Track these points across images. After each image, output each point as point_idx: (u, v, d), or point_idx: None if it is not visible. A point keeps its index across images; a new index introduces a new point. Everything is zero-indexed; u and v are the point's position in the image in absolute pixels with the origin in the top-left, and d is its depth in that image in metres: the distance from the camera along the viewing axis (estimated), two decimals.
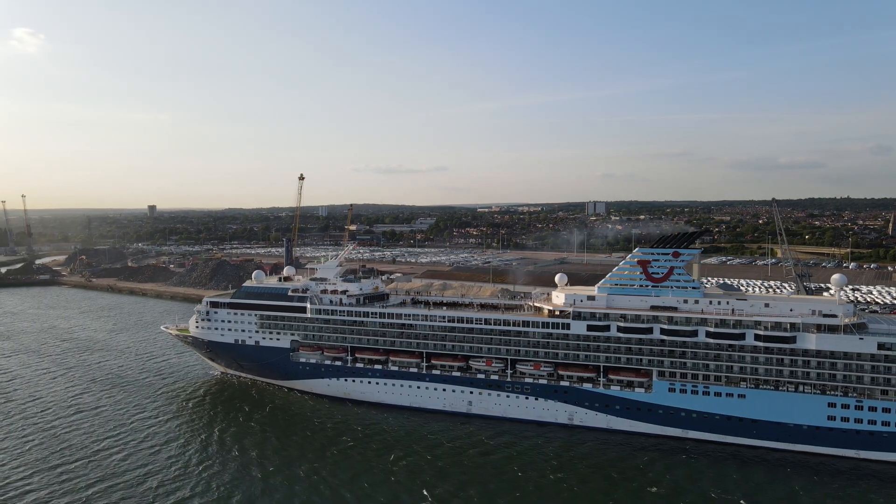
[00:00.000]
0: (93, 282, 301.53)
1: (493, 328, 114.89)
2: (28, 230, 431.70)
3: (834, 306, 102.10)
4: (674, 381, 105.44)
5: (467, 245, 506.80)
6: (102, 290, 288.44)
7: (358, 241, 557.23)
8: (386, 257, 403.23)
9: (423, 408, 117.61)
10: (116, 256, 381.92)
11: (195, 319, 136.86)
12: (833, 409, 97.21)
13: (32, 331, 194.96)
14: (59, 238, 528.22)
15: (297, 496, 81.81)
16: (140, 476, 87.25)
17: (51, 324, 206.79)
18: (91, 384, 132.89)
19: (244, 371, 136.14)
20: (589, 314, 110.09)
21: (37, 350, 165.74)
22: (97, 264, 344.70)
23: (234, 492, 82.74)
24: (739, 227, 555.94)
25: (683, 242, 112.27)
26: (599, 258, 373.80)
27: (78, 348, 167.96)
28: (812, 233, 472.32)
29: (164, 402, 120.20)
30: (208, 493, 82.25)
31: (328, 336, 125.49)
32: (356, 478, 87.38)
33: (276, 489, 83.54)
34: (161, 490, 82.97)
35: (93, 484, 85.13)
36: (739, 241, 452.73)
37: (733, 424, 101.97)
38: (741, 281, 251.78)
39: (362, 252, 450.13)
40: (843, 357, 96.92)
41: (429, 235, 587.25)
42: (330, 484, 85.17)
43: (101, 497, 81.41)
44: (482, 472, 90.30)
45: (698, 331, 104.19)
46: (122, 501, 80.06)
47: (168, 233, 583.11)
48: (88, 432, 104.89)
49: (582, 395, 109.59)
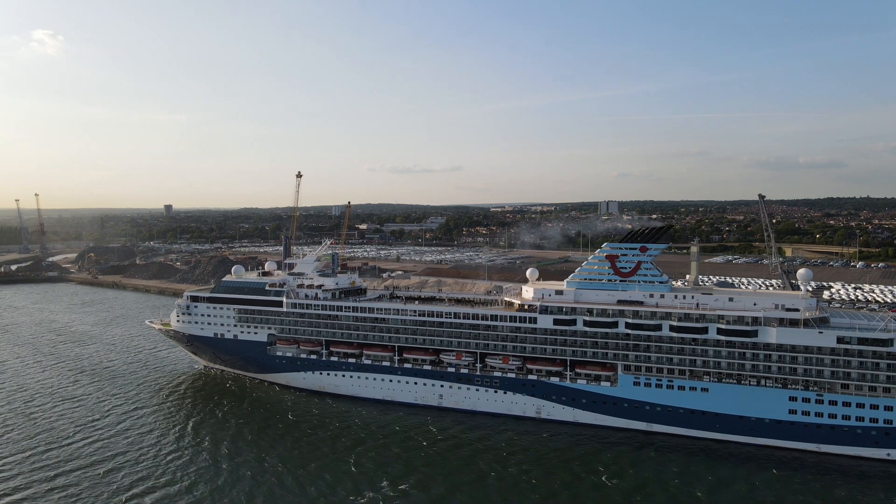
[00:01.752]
0: (99, 278, 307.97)
1: (463, 322, 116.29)
2: (41, 228, 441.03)
3: (797, 301, 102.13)
4: (639, 374, 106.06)
5: (475, 244, 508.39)
6: (107, 286, 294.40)
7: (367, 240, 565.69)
8: (391, 255, 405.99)
9: (396, 401, 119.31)
10: (126, 254, 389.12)
11: (176, 313, 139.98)
12: (794, 402, 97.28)
13: (29, 324, 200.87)
14: (72, 236, 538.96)
15: (261, 486, 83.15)
16: (108, 465, 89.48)
17: (49, 318, 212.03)
18: (80, 375, 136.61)
19: (225, 364, 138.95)
20: (556, 308, 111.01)
21: (30, 342, 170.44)
22: (106, 262, 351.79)
23: (198, 482, 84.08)
24: (751, 226, 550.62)
25: (651, 237, 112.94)
26: None
27: (71, 341, 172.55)
28: (823, 232, 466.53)
29: (146, 394, 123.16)
30: (173, 483, 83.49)
31: (303, 330, 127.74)
32: (322, 469, 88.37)
33: (241, 480, 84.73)
34: (126, 479, 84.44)
35: (61, 471, 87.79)
36: (748, 241, 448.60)
37: (697, 418, 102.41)
38: (742, 279, 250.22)
39: (368, 250, 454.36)
40: (804, 351, 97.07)
41: (438, 234, 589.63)
42: (295, 476, 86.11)
43: (66, 483, 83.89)
44: (447, 464, 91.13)
45: (662, 325, 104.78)
46: (87, 489, 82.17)
47: (180, 231, 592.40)
48: (68, 421, 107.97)
49: (549, 389, 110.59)
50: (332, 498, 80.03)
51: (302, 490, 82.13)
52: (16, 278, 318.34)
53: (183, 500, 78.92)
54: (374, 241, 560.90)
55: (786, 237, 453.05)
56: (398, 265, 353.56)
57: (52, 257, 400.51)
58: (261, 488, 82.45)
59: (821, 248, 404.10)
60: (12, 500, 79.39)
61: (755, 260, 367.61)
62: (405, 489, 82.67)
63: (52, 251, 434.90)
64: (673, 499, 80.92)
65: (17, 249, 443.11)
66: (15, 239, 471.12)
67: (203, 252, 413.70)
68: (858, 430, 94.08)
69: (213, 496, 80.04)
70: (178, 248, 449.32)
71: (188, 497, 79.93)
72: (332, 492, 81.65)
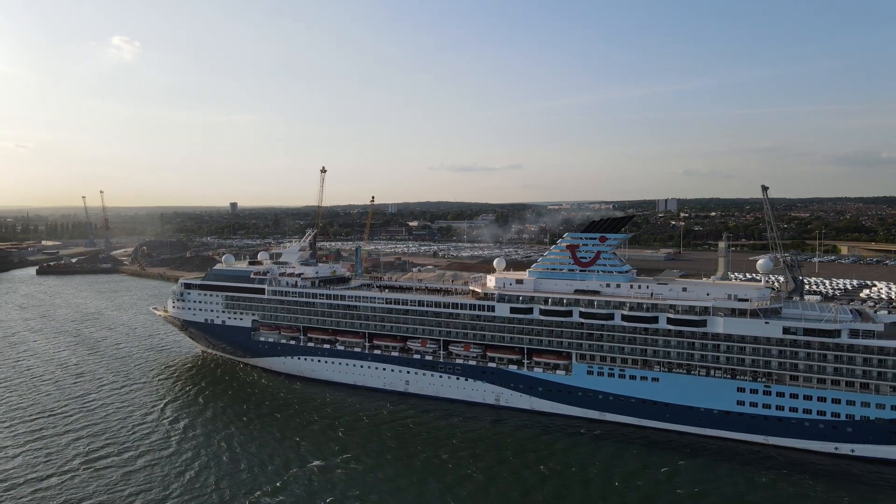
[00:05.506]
0: (146, 270, 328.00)
1: (427, 310, 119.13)
2: (106, 224, 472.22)
3: (749, 291, 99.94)
4: (592, 364, 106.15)
5: (521, 241, 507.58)
6: (154, 277, 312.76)
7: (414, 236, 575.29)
8: (430, 251, 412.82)
9: (366, 386, 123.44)
10: (178, 248, 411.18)
11: (172, 300, 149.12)
12: (742, 393, 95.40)
13: (63, 306, 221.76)
14: (136, 232, 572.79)
15: (199, 458, 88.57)
16: (76, 435, 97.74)
17: (84, 304, 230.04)
18: (91, 355, 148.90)
19: (216, 349, 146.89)
20: (513, 297, 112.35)
21: (60, 325, 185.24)
22: (157, 255, 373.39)
23: (146, 453, 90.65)
24: (811, 223, 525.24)
25: (610, 227, 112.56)
26: (645, 254, 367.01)
27: (95, 325, 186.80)
28: (888, 230, 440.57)
29: (139, 374, 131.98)
30: (123, 453, 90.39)
31: (283, 316, 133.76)
32: (262, 447, 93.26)
33: (182, 453, 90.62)
34: (86, 448, 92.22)
35: (39, 436, 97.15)
36: (802, 238, 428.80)
37: (647, 408, 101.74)
38: (772, 277, 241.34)
39: (409, 245, 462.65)
40: (752, 342, 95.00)
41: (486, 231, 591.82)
42: (234, 452, 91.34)
43: (34, 449, 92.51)
44: (381, 444, 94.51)
45: (614, 314, 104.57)
46: (49, 457, 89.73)
47: (236, 228, 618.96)
48: (63, 393, 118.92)
49: (507, 377, 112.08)
50: (259, 473, 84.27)
51: (234, 464, 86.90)
52: (74, 269, 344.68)
53: (121, 470, 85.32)
54: (423, 237, 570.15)
55: (845, 235, 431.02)
56: (432, 260, 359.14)
57: (114, 251, 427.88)
58: (198, 461, 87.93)
59: (881, 247, 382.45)
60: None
61: (804, 258, 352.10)
62: (330, 462, 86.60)
63: (116, 245, 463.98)
64: (587, 483, 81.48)
65: (83, 243, 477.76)
66: (82, 233, 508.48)
67: (252, 247, 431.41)
68: (806, 423, 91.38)
69: (150, 468, 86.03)
70: (229, 244, 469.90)
71: (129, 466, 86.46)
72: (261, 467, 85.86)
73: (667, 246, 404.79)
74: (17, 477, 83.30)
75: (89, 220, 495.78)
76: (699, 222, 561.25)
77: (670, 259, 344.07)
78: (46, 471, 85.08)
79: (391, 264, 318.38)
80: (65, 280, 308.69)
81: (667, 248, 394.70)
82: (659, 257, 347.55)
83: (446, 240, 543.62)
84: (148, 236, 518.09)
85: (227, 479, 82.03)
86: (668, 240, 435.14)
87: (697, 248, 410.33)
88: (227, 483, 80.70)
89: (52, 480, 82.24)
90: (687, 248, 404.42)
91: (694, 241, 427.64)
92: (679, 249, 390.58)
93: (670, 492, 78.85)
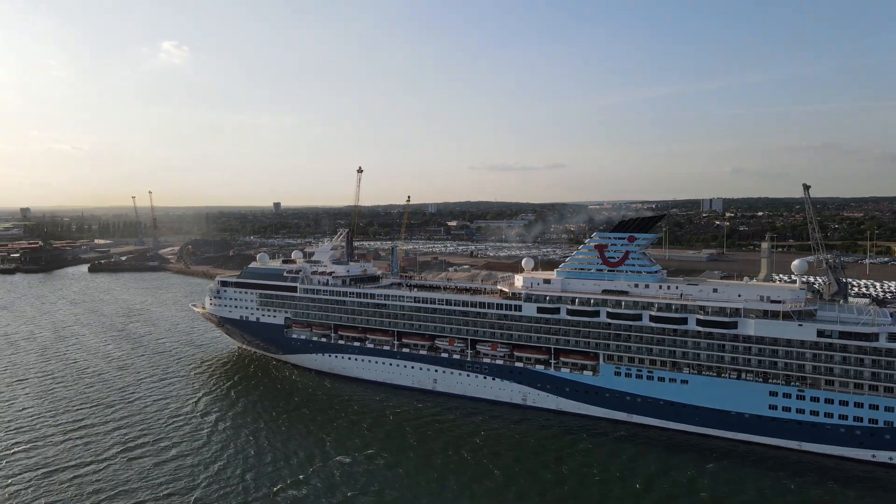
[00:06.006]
0: (191, 268, 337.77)
1: (454, 309, 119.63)
2: (154, 223, 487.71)
3: (783, 292, 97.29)
4: (620, 364, 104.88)
5: (560, 241, 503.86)
6: (198, 275, 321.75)
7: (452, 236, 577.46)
8: (467, 251, 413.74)
9: (395, 384, 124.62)
10: (222, 247, 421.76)
11: (209, 297, 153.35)
12: (775, 398, 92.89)
13: (110, 302, 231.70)
14: (183, 231, 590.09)
15: (229, 450, 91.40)
16: (115, 425, 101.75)
17: (130, 300, 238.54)
18: (135, 348, 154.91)
19: (251, 345, 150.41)
20: (540, 297, 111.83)
21: (106, 320, 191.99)
22: (202, 254, 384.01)
23: (179, 443, 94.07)
24: (864, 223, 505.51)
25: (640, 227, 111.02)
26: (686, 254, 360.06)
27: (140, 320, 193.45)
28: None
29: (178, 369, 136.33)
30: (157, 443, 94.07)
31: (315, 314, 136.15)
32: (292, 438, 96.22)
33: (209, 444, 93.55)
34: (123, 438, 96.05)
35: (80, 425, 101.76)
36: (854, 239, 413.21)
37: (676, 410, 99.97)
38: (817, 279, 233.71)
39: (447, 245, 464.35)
40: (785, 344, 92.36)
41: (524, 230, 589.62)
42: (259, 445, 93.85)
43: (75, 438, 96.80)
44: (403, 441, 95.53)
45: (642, 315, 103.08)
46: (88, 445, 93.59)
47: (278, 227, 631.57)
48: (104, 384, 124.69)
49: (534, 377, 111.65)
50: (283, 466, 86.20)
51: (260, 457, 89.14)
52: (123, 267, 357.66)
53: (154, 459, 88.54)
54: (461, 237, 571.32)
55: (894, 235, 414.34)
56: (469, 260, 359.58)
57: (161, 249, 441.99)
58: (226, 453, 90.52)
59: None
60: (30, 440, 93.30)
61: (855, 259, 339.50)
62: (354, 461, 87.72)
63: (164, 244, 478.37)
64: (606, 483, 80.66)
65: (133, 242, 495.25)
66: (132, 233, 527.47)
67: (292, 246, 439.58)
68: (842, 429, 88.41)
69: (181, 458, 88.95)
70: (271, 243, 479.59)
71: (162, 456, 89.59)
72: (285, 461, 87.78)
73: (710, 246, 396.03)
74: (58, 463, 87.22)
75: (139, 220, 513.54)
76: (745, 222, 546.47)
77: (712, 260, 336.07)
78: (85, 458, 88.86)
79: (428, 264, 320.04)
80: (114, 277, 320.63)
81: (710, 248, 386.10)
82: (700, 258, 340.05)
83: (484, 239, 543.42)
84: (194, 235, 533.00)
85: (253, 471, 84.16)
86: (712, 240, 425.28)
87: (742, 248, 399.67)
88: (252, 475, 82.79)
89: (90, 468, 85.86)
90: (731, 249, 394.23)
91: (739, 242, 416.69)
92: (722, 250, 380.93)
93: (692, 494, 77.46)
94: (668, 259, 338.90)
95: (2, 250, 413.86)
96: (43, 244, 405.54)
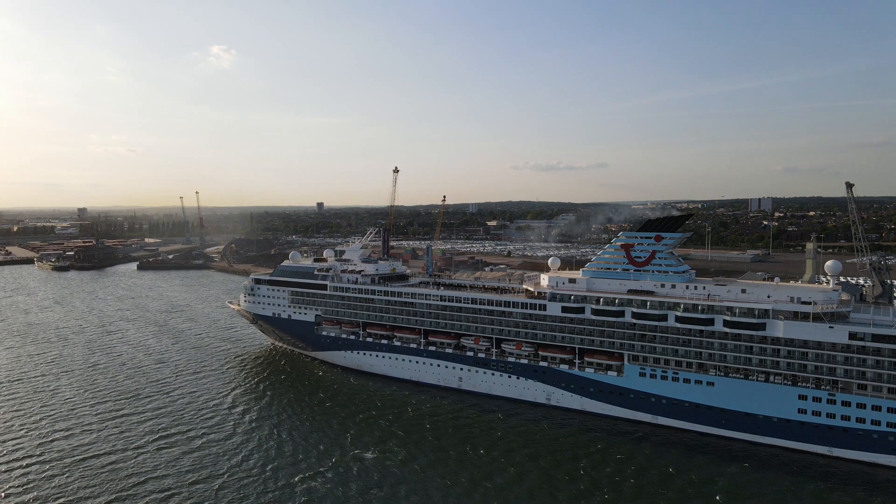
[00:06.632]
0: (234, 267, 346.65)
1: (480, 308, 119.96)
2: (201, 223, 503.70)
3: (814, 293, 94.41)
4: (644, 365, 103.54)
5: (599, 241, 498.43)
6: (240, 273, 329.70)
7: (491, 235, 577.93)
8: (504, 250, 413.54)
9: (421, 382, 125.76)
10: (265, 246, 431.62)
11: (243, 294, 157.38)
12: (804, 401, 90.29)
13: (155, 298, 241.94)
14: (229, 230, 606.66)
15: (252, 442, 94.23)
16: (150, 416, 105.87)
17: (173, 296, 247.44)
18: (175, 343, 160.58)
19: (284, 342, 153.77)
20: (565, 296, 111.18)
21: (149, 315, 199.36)
22: (245, 252, 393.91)
23: (207, 434, 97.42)
24: None
25: (667, 227, 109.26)
26: (729, 255, 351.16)
27: (181, 316, 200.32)
28: None
29: (212, 362, 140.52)
30: (186, 432, 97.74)
31: (344, 312, 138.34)
32: (313, 432, 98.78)
33: (235, 436, 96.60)
34: (157, 428, 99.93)
35: (119, 414, 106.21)
36: None
37: (702, 412, 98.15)
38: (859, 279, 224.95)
39: (485, 245, 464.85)
40: (815, 347, 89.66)
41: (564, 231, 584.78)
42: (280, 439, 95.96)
43: (112, 427, 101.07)
44: (421, 437, 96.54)
45: (668, 315, 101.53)
46: (123, 434, 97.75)
47: (320, 226, 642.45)
48: (143, 376, 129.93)
49: (558, 376, 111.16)
50: (302, 459, 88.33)
51: (280, 450, 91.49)
52: (169, 265, 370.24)
53: (182, 448, 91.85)
54: (500, 236, 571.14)
55: None
56: (505, 259, 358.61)
57: (207, 248, 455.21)
58: (249, 445, 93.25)
59: None
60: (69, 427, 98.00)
61: None
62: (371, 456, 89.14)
63: (209, 243, 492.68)
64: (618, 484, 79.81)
65: (181, 241, 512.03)
66: (180, 232, 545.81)
67: (331, 245, 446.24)
68: (874, 435, 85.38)
69: (207, 448, 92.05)
70: (312, 242, 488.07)
71: (190, 445, 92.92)
72: (305, 454, 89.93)
73: (756, 247, 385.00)
74: (94, 451, 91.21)
75: (186, 219, 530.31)
76: (794, 222, 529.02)
77: (757, 261, 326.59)
78: (120, 446, 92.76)
79: (464, 263, 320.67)
80: (161, 274, 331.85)
81: (755, 249, 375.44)
82: (745, 258, 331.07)
83: (524, 239, 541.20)
84: (238, 234, 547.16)
85: (273, 462, 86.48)
86: (758, 240, 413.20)
87: (790, 249, 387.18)
88: (272, 466, 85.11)
89: (124, 454, 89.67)
90: (778, 250, 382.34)
91: (787, 242, 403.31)
92: (768, 251, 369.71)
93: (706, 496, 76.02)
94: (710, 259, 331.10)
95: (58, 248, 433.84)
96: (96, 243, 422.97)
